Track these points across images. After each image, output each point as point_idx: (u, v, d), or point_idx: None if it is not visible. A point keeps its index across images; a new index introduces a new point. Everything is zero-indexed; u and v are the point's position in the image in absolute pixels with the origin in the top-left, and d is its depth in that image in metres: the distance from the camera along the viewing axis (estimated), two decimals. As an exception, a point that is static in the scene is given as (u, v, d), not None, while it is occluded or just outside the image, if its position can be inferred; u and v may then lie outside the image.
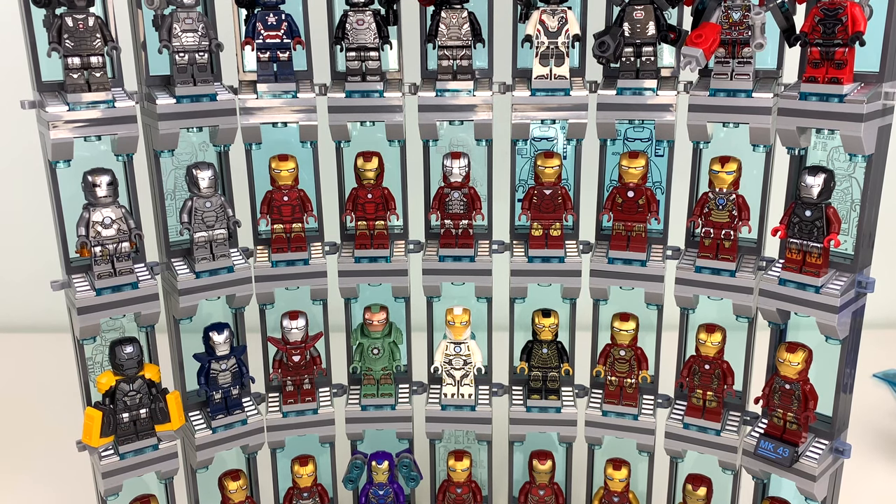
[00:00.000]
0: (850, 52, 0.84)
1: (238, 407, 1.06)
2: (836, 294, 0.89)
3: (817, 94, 0.86)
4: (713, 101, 0.92)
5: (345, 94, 0.98)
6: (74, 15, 0.89)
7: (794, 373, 0.94)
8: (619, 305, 1.05)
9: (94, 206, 0.93)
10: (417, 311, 1.10)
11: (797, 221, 0.91)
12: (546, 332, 1.06)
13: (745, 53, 0.90)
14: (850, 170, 0.91)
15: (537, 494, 1.10)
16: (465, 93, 0.98)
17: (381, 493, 1.10)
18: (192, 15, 0.94)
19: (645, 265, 1.00)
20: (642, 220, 1.00)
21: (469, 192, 1.03)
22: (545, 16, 0.96)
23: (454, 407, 1.08)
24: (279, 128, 1.01)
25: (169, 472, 1.03)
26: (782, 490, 1.02)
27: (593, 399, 1.08)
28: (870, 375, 1.38)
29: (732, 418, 1.02)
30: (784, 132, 0.89)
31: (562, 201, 1.02)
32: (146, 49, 0.97)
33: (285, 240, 1.03)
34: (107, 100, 0.90)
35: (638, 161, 0.98)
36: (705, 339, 0.99)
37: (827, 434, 0.97)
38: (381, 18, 0.98)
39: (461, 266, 1.04)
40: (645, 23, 0.94)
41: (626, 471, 1.08)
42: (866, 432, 1.39)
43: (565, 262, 1.02)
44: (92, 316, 0.94)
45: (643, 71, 0.95)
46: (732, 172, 0.95)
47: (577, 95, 0.97)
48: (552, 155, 1.01)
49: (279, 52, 0.97)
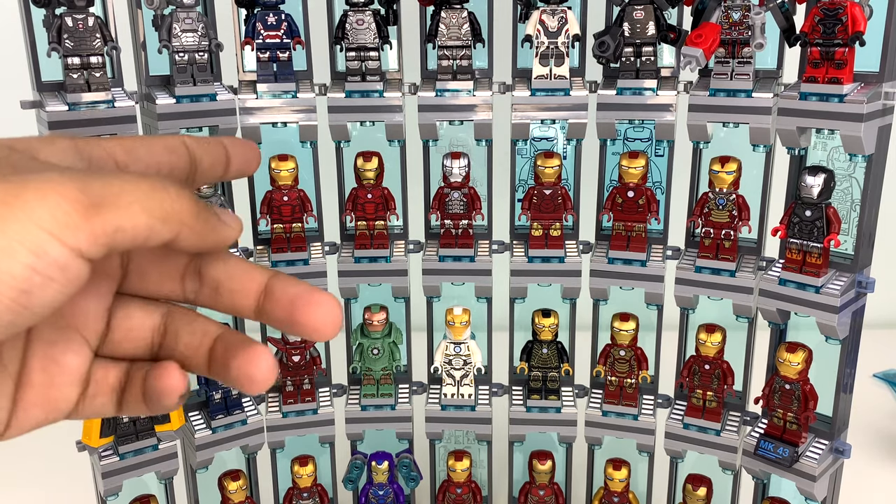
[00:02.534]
0: (850, 52, 0.84)
1: (238, 407, 1.06)
2: (836, 294, 0.89)
3: (817, 94, 0.86)
4: (713, 101, 0.91)
5: (345, 94, 0.98)
6: (74, 15, 0.89)
7: (794, 373, 0.94)
8: (619, 305, 1.05)
9: (93, 207, 0.92)
10: (417, 311, 1.10)
11: (797, 221, 0.91)
12: (546, 332, 1.06)
13: (745, 53, 0.90)
14: (850, 170, 0.91)
15: (537, 495, 1.10)
16: (464, 93, 0.98)
17: (380, 494, 1.10)
18: (191, 15, 0.94)
19: (645, 265, 1.00)
20: (642, 220, 1.00)
21: (469, 192, 1.03)
22: (545, 16, 0.96)
23: (454, 407, 1.08)
24: (279, 128, 1.00)
25: (169, 472, 1.03)
26: (782, 490, 1.02)
27: (593, 399, 1.08)
28: (870, 375, 1.38)
29: (732, 418, 1.02)
30: (784, 132, 0.89)
31: (562, 201, 1.02)
32: (146, 49, 0.97)
33: (285, 240, 1.02)
34: (106, 100, 0.90)
35: (638, 161, 0.98)
36: (705, 339, 0.99)
37: (827, 434, 0.97)
38: (380, 18, 0.98)
39: (461, 266, 1.03)
40: (645, 23, 0.94)
41: (626, 471, 1.08)
42: (866, 432, 1.39)
43: (565, 262, 1.02)
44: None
45: (643, 71, 0.95)
46: (732, 172, 0.95)
47: (577, 95, 0.97)
48: (552, 155, 1.01)
49: (279, 52, 0.97)
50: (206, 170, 0.52)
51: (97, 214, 0.39)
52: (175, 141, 0.50)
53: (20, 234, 0.37)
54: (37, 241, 0.37)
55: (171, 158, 0.50)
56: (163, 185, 0.42)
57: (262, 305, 0.47)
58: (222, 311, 0.49)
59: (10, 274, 0.37)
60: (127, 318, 0.49)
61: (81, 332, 0.48)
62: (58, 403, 0.47)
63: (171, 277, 0.49)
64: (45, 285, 0.38)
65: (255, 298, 0.47)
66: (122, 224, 0.40)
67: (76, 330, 0.48)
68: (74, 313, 0.48)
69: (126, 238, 0.40)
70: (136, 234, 0.41)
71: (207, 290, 0.48)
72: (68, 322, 0.48)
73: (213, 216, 0.46)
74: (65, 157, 0.45)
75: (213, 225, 0.45)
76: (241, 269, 0.48)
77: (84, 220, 0.38)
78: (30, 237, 0.37)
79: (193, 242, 0.44)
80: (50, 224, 0.38)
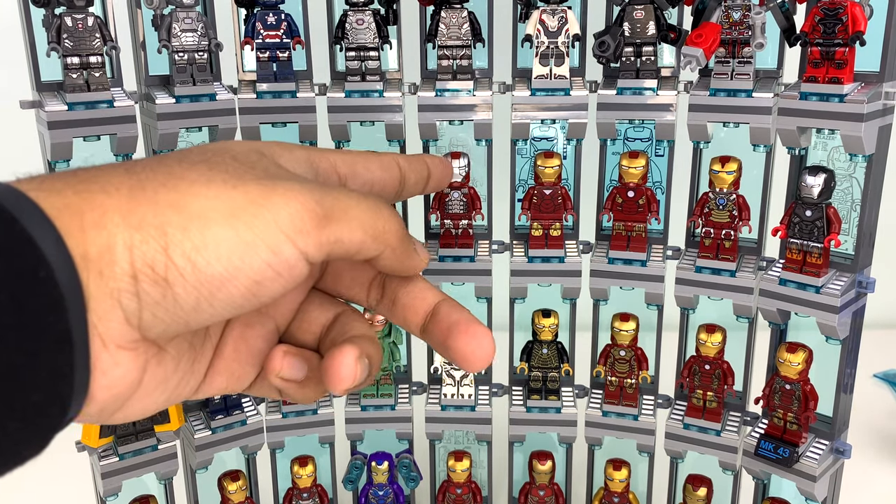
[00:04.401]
0: (851, 52, 0.84)
1: (237, 407, 1.05)
2: (837, 294, 0.89)
3: (817, 94, 0.86)
4: (713, 101, 0.91)
5: (344, 94, 0.98)
6: (74, 15, 0.89)
7: (795, 373, 0.94)
8: (619, 305, 1.05)
9: (93, 207, 0.92)
10: (417, 312, 1.10)
11: (797, 221, 0.91)
12: (546, 332, 1.06)
13: (746, 53, 0.90)
14: (851, 170, 0.91)
15: (537, 495, 1.10)
16: (464, 93, 0.98)
17: (380, 494, 1.10)
18: (191, 15, 0.93)
19: (645, 265, 1.00)
20: (642, 220, 1.00)
21: (469, 192, 1.03)
22: (545, 15, 0.96)
23: (454, 407, 1.08)
24: (279, 128, 1.00)
25: (168, 472, 1.03)
26: (782, 490, 1.02)
27: (593, 399, 1.08)
28: (870, 375, 1.38)
29: (732, 418, 1.02)
30: (784, 132, 0.89)
31: (562, 201, 1.02)
32: (145, 49, 0.97)
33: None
34: (106, 99, 0.90)
35: (638, 161, 0.98)
36: (705, 340, 0.99)
37: (827, 434, 0.97)
38: (380, 18, 0.98)
39: (461, 266, 1.03)
40: (645, 23, 0.94)
41: (626, 471, 1.08)
42: (866, 432, 1.39)
43: (565, 262, 1.02)
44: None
45: (643, 71, 0.95)
46: (732, 172, 0.95)
47: (577, 95, 0.97)
48: (552, 155, 1.01)
49: (279, 51, 0.97)
50: (411, 185, 0.58)
51: (326, 225, 0.45)
52: (389, 159, 0.57)
53: (264, 233, 0.43)
54: (276, 240, 0.43)
55: (384, 175, 0.56)
56: (379, 206, 0.49)
57: (427, 324, 0.52)
58: (395, 321, 0.55)
59: (250, 266, 0.43)
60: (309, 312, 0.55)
61: (276, 320, 0.54)
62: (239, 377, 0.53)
63: (360, 284, 0.55)
64: (275, 279, 0.44)
65: (423, 317, 0.52)
66: (343, 237, 0.46)
67: (272, 318, 0.54)
68: (277, 303, 0.54)
69: (342, 249, 0.46)
70: (351, 247, 0.47)
71: (387, 301, 0.54)
72: (269, 309, 0.53)
73: (412, 244, 0.52)
74: (299, 166, 0.52)
75: (410, 252, 0.51)
76: (417, 288, 0.54)
77: (315, 228, 0.45)
78: (271, 236, 0.43)
79: (391, 263, 0.50)
80: (288, 227, 0.44)
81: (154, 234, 0.41)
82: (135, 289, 0.41)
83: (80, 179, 0.42)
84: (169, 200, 0.42)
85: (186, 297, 0.42)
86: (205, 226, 0.42)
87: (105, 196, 0.41)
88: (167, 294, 0.41)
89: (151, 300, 0.41)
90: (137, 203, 0.42)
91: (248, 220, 0.43)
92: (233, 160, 0.47)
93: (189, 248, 0.42)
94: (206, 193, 0.43)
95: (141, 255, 0.41)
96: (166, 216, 0.42)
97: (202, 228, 0.42)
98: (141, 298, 0.41)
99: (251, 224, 0.43)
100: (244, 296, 0.43)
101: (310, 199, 0.45)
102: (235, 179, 0.45)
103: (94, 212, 0.40)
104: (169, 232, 0.41)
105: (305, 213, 0.44)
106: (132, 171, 0.44)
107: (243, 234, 0.43)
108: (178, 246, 0.41)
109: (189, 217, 0.42)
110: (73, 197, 0.41)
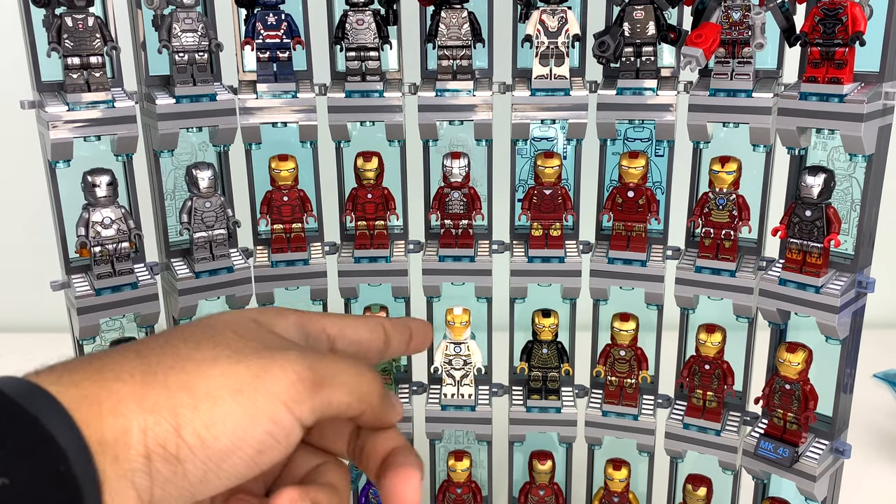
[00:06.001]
0: (851, 52, 0.84)
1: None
2: (836, 294, 0.89)
3: (817, 94, 0.86)
4: (713, 101, 0.91)
5: (345, 94, 0.98)
6: (74, 15, 0.89)
7: (795, 373, 0.94)
8: (619, 305, 1.05)
9: (93, 207, 0.93)
10: (417, 311, 1.10)
11: (797, 221, 0.91)
12: (546, 332, 1.06)
13: (746, 53, 0.90)
14: (851, 170, 0.91)
15: (537, 495, 1.10)
16: (464, 93, 0.98)
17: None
18: (191, 15, 0.94)
19: (645, 265, 1.00)
20: (642, 220, 1.00)
21: (469, 192, 1.03)
22: (545, 16, 0.96)
23: (454, 407, 1.08)
24: (279, 128, 1.00)
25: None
26: (782, 490, 1.02)
27: (593, 399, 1.08)
28: (870, 375, 1.38)
29: (732, 418, 1.02)
30: (784, 132, 0.89)
31: (562, 201, 1.02)
32: (146, 49, 0.97)
33: (285, 240, 1.02)
34: (106, 100, 0.90)
35: (638, 161, 0.98)
36: (705, 340, 0.99)
37: (827, 434, 0.97)
38: (380, 18, 0.98)
39: (461, 266, 1.03)
40: (645, 23, 0.94)
41: (626, 471, 1.08)
42: (866, 432, 1.39)
43: (565, 262, 1.02)
44: (92, 316, 0.93)
45: (643, 71, 0.95)
46: (732, 172, 0.95)
47: (577, 95, 0.97)
48: (552, 155, 1.01)
49: (279, 52, 0.97)
50: (394, 346, 0.61)
51: (319, 392, 0.49)
52: (375, 322, 0.61)
53: (265, 405, 0.47)
54: (276, 410, 0.47)
55: (370, 337, 0.60)
56: (363, 370, 0.53)
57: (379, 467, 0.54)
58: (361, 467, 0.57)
59: (253, 437, 0.46)
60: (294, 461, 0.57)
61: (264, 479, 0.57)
62: None
63: (341, 438, 0.58)
64: (274, 447, 0.47)
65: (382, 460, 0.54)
66: (332, 400, 0.50)
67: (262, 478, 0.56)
68: None
69: (331, 410, 0.50)
70: (339, 409, 0.51)
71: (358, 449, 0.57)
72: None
73: (390, 400, 0.55)
74: (290, 331, 0.56)
75: (388, 407, 0.55)
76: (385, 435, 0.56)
77: (308, 395, 0.48)
78: (271, 407, 0.47)
79: (371, 419, 0.55)
80: (286, 396, 0.47)
81: (167, 416, 0.44)
82: (147, 468, 0.44)
83: (96, 369, 0.46)
84: (179, 382, 0.46)
85: (195, 472, 0.45)
86: (214, 404, 0.46)
87: (121, 384, 0.45)
88: (178, 470, 0.45)
89: (162, 477, 0.44)
90: (150, 388, 0.45)
91: (251, 393, 0.47)
92: (233, 334, 0.51)
93: (199, 425, 0.45)
94: (212, 373, 0.47)
95: (154, 436, 0.44)
96: (178, 398, 0.45)
97: (211, 407, 0.45)
98: (153, 476, 0.44)
99: (254, 398, 0.46)
100: (247, 465, 0.47)
101: (304, 368, 0.49)
102: (238, 355, 0.48)
103: (111, 399, 0.44)
104: (180, 412, 0.45)
105: (300, 382, 0.48)
106: (142, 353, 0.48)
107: (247, 408, 0.46)
108: (188, 424, 0.45)
109: (199, 397, 0.46)
110: (90, 387, 0.44)
